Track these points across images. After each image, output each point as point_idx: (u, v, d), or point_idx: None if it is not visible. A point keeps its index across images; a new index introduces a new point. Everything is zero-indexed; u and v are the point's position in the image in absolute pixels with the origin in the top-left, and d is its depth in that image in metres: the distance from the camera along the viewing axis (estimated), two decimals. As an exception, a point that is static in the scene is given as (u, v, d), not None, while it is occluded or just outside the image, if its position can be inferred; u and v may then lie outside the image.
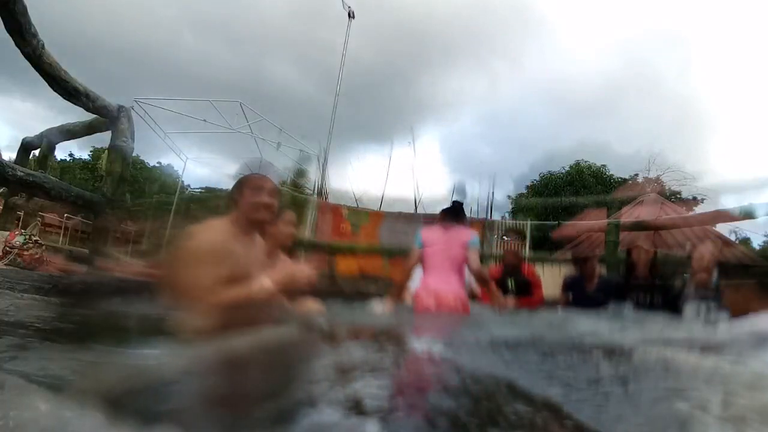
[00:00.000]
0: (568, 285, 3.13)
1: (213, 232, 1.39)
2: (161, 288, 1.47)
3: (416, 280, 2.55)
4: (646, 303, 2.68)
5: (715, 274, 2.59)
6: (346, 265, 6.04)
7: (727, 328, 1.88)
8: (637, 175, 17.13)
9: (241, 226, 1.47)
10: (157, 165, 21.98)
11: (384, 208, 7.96)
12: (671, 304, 2.61)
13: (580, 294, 2.98)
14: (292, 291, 1.52)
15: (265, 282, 1.38)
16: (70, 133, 5.53)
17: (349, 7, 9.47)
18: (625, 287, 2.86)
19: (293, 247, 2.21)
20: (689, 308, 2.51)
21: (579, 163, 17.15)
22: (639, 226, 5.44)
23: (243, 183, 1.50)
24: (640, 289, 2.78)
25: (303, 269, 1.51)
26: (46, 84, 3.74)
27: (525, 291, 3.14)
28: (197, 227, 1.40)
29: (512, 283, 3.16)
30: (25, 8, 3.13)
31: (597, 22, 39.92)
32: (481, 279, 2.51)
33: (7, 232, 4.42)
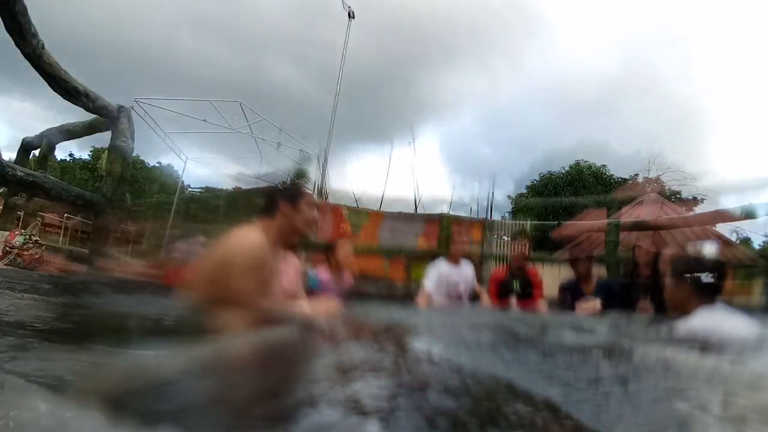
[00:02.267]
0: (565, 289, 3.08)
1: (257, 244, 1.39)
2: (187, 288, 1.46)
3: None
4: (646, 304, 2.67)
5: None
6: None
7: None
8: (637, 175, 17.16)
9: (280, 237, 1.48)
10: (157, 165, 22.02)
11: (384, 208, 7.96)
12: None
13: (578, 297, 2.96)
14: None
15: (305, 310, 1.44)
16: (70, 133, 5.53)
17: (349, 7, 9.46)
18: (625, 289, 2.85)
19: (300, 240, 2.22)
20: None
21: (579, 163, 17.18)
22: (639, 226, 5.44)
23: (297, 197, 1.51)
24: (640, 289, 2.77)
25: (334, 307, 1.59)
26: (46, 84, 3.74)
27: (528, 292, 3.16)
28: (237, 234, 1.40)
29: (517, 285, 3.17)
30: (25, 8, 3.13)
31: (597, 21, 39.93)
32: None
33: (7, 232, 4.43)
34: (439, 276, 3.21)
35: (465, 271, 3.29)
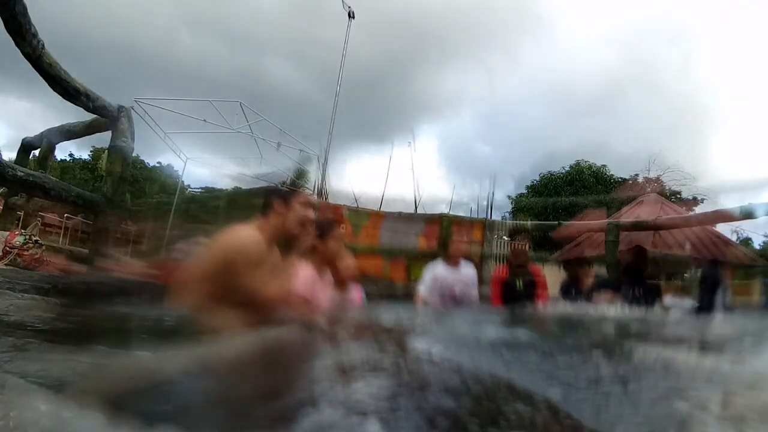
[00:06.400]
0: (565, 289, 3.17)
1: (251, 240, 1.42)
2: (182, 287, 1.47)
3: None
4: (636, 300, 2.73)
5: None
6: (346, 266, 6.03)
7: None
8: (637, 175, 17.16)
9: (274, 236, 1.50)
10: (157, 165, 22.05)
11: (384, 208, 7.95)
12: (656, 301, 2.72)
13: (578, 296, 3.01)
14: None
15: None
16: (70, 133, 5.51)
17: (349, 7, 9.46)
18: (619, 286, 2.91)
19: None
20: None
21: (579, 163, 17.18)
22: (639, 226, 5.44)
23: (291, 196, 1.54)
24: (631, 287, 2.83)
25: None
26: (46, 84, 3.73)
27: (532, 291, 3.12)
28: (231, 232, 1.42)
29: (520, 284, 3.14)
30: (25, 8, 3.12)
31: (597, 21, 39.95)
32: None
33: (7, 232, 4.42)
34: (434, 279, 3.16)
35: (464, 273, 3.22)
